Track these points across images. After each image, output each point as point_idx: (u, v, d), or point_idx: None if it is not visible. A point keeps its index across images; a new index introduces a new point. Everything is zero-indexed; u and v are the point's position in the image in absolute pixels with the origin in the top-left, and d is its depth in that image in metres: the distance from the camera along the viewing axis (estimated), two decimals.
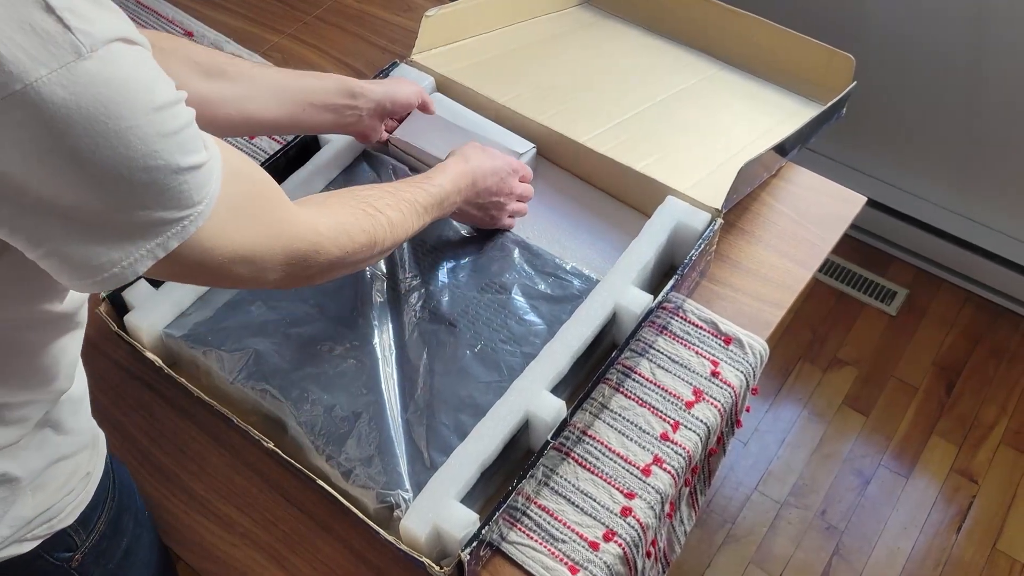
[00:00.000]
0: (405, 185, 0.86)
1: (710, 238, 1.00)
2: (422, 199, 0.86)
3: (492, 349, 0.93)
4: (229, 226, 0.60)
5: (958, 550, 1.71)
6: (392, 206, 0.81)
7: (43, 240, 0.52)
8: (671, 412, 0.95)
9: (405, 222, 0.83)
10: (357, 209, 0.77)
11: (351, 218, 0.76)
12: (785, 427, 1.89)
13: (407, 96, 1.04)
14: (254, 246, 0.64)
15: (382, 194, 0.82)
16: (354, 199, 0.79)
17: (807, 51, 1.20)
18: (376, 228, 0.78)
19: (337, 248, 0.73)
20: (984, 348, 1.99)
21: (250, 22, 1.42)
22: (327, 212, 0.74)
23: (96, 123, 0.48)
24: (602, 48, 1.30)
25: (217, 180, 0.58)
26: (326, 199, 0.78)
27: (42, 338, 0.66)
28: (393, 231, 0.80)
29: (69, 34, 0.46)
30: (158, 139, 0.51)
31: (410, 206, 0.84)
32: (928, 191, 1.98)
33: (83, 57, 0.47)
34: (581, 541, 0.86)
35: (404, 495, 0.83)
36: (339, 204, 0.77)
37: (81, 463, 0.74)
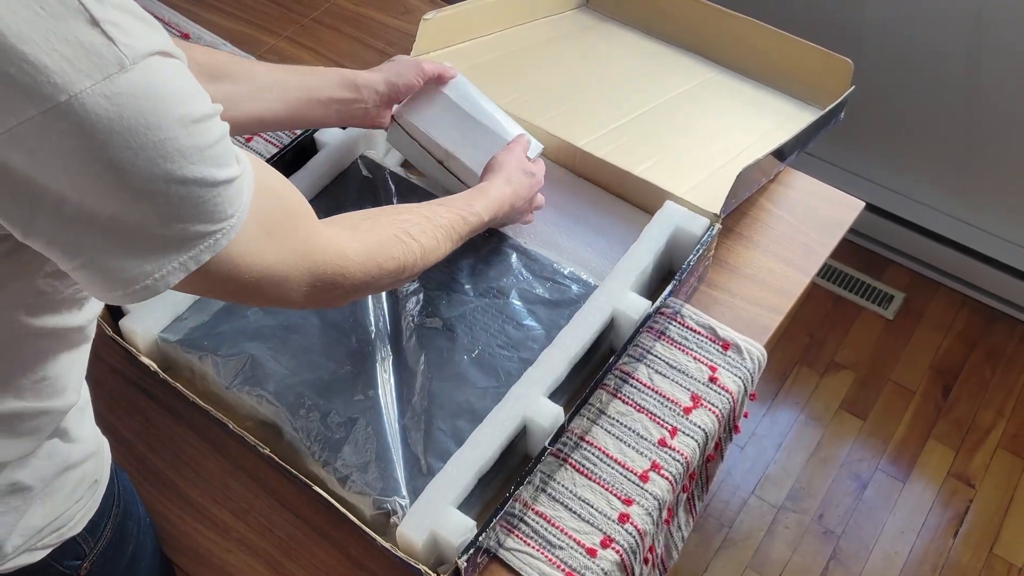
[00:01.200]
0: (444, 210, 0.85)
1: (708, 243, 0.99)
2: (459, 227, 0.86)
3: (490, 354, 0.93)
4: (259, 243, 0.60)
5: (955, 554, 1.71)
6: (427, 232, 0.80)
7: (80, 251, 0.53)
8: (669, 418, 0.95)
9: (438, 249, 0.82)
10: (390, 235, 0.76)
11: (382, 244, 0.75)
12: (782, 431, 1.88)
13: (408, 80, 1.02)
14: (282, 265, 0.63)
15: (418, 219, 0.81)
16: (389, 224, 0.78)
17: (805, 55, 1.20)
18: (407, 255, 0.77)
19: (364, 274, 0.72)
20: (981, 352, 1.99)
21: (247, 24, 1.41)
22: (358, 236, 0.73)
23: (136, 135, 0.49)
24: (600, 51, 1.30)
25: (248, 194, 0.58)
26: (360, 221, 0.76)
27: (57, 349, 0.66)
28: (424, 258, 0.80)
29: (113, 47, 0.47)
30: (195, 152, 0.52)
31: (446, 233, 0.83)
32: (925, 195, 1.98)
33: (125, 69, 0.48)
34: (579, 548, 0.86)
35: (401, 501, 0.82)
36: (372, 228, 0.75)
37: (89, 471, 0.74)
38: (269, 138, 1.24)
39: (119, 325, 0.95)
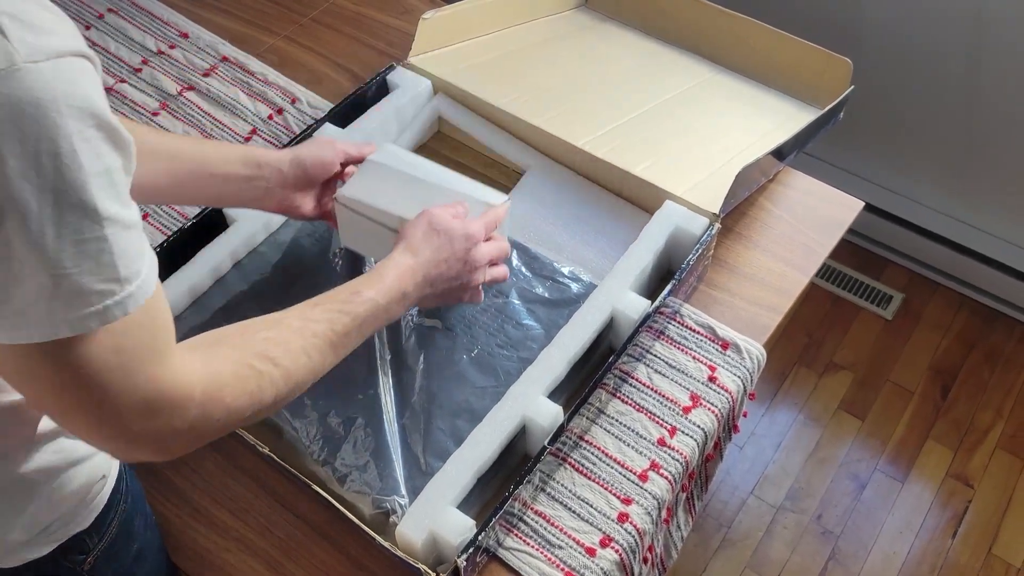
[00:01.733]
0: (320, 311, 0.73)
1: (708, 243, 0.99)
2: (342, 326, 0.73)
3: (489, 354, 0.93)
4: (115, 344, 0.53)
5: (954, 554, 1.71)
6: (294, 350, 0.68)
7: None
8: (668, 417, 0.95)
9: (310, 365, 0.70)
10: (244, 364, 0.65)
11: (233, 378, 0.63)
12: (781, 431, 1.88)
13: (320, 159, 0.91)
14: (124, 380, 0.55)
15: (285, 334, 0.69)
16: (244, 348, 0.66)
17: (805, 55, 1.20)
18: (263, 388, 0.65)
19: (207, 416, 0.61)
20: (979, 352, 1.99)
21: (246, 24, 1.41)
22: (210, 369, 0.62)
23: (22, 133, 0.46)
24: (600, 51, 1.30)
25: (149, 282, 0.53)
26: (213, 346, 0.65)
27: None
28: (291, 382, 0.68)
29: (5, 42, 0.45)
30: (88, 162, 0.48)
31: (323, 342, 0.71)
32: (924, 195, 1.98)
33: (15, 67, 0.45)
34: (578, 547, 0.86)
35: (400, 501, 0.82)
36: (225, 356, 0.64)
37: (98, 465, 0.74)
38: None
39: None
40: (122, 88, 1.30)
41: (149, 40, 1.37)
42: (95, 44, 1.37)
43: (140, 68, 1.33)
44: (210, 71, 1.32)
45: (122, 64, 1.34)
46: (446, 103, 1.19)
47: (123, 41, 1.37)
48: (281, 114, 1.26)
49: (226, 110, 1.27)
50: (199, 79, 1.31)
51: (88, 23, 1.40)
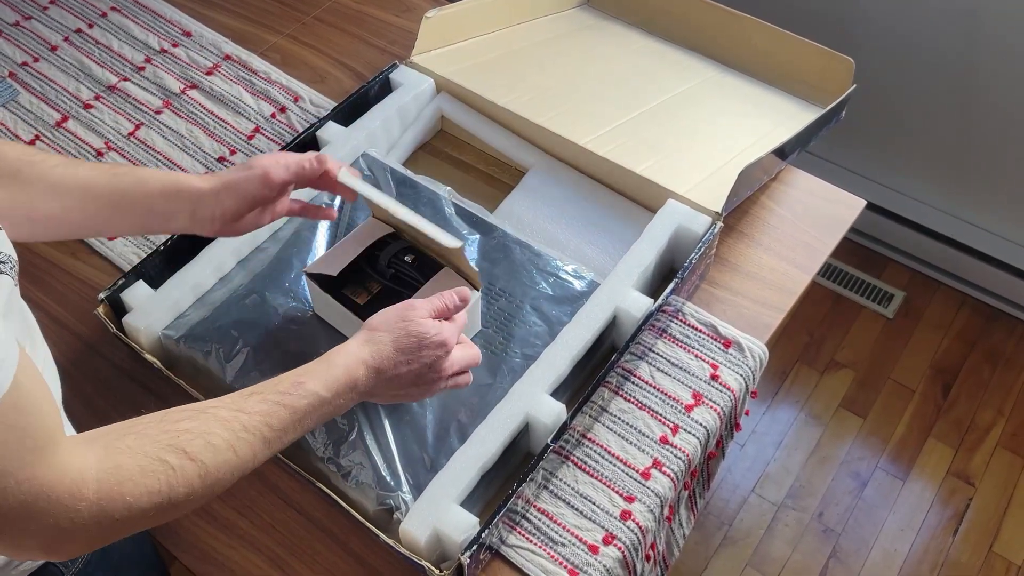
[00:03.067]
0: (256, 401, 0.66)
1: (710, 241, 1.00)
2: (279, 420, 0.66)
3: (492, 351, 0.93)
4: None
5: (955, 552, 1.71)
6: (215, 444, 0.61)
7: None
8: (671, 415, 0.95)
9: (233, 462, 0.63)
10: (153, 457, 0.57)
11: (137, 473, 0.56)
12: (782, 429, 1.89)
13: (250, 179, 0.82)
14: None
15: (209, 424, 0.62)
16: (157, 439, 0.59)
17: (807, 54, 1.20)
18: (175, 485, 0.58)
19: (101, 514, 0.55)
20: (980, 351, 1.99)
21: (249, 22, 1.41)
22: (108, 462, 0.56)
23: None
24: (602, 50, 1.30)
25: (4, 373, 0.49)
26: (120, 438, 0.58)
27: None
28: (205, 480, 0.60)
29: None
30: None
31: (253, 438, 0.64)
32: (925, 194, 1.98)
33: None
34: (581, 544, 0.86)
35: (404, 498, 0.83)
36: (131, 449, 0.57)
37: None
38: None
39: (122, 323, 0.95)
40: (125, 86, 1.30)
41: (152, 38, 1.38)
42: (98, 42, 1.37)
43: (143, 66, 1.33)
44: (213, 69, 1.33)
45: (125, 62, 1.34)
46: (449, 102, 1.19)
47: (126, 39, 1.38)
48: (284, 112, 1.27)
49: (229, 108, 1.27)
50: (202, 77, 1.31)
51: (91, 21, 1.40)
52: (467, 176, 1.17)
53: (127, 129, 1.25)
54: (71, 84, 1.31)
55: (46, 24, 1.40)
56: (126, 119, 1.26)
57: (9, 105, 1.28)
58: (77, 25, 1.40)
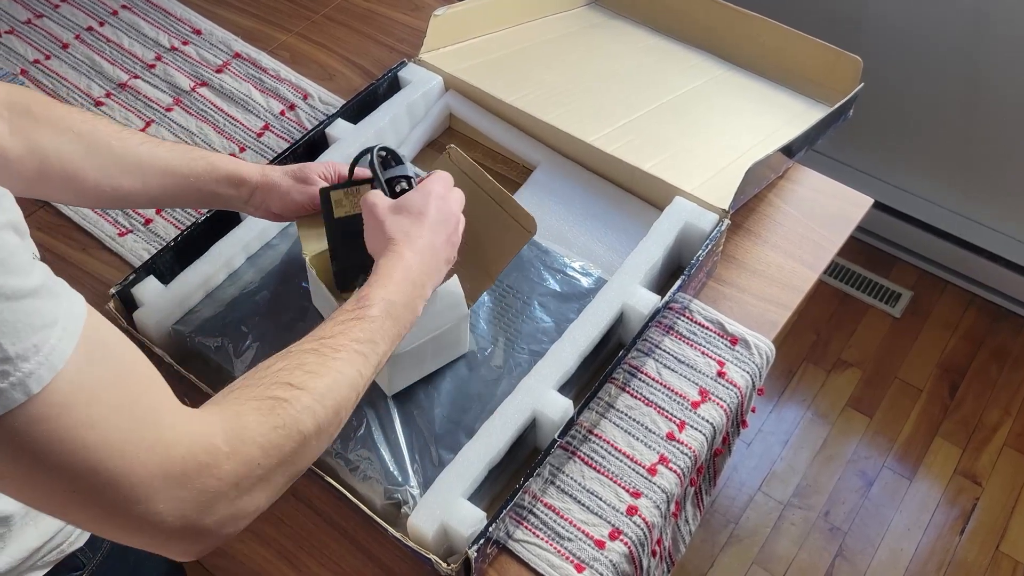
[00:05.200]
0: (333, 326, 0.67)
1: (717, 239, 1.00)
2: (362, 331, 0.67)
3: (500, 347, 0.94)
4: (81, 417, 0.46)
5: (961, 552, 1.71)
6: (316, 371, 0.62)
7: None
8: (677, 412, 0.95)
9: (342, 382, 0.63)
10: (264, 399, 0.58)
11: (256, 414, 0.56)
12: (789, 428, 1.89)
13: (303, 192, 0.89)
14: (117, 456, 0.47)
15: (300, 358, 0.62)
16: (260, 383, 0.59)
17: (815, 52, 1.20)
18: (298, 419, 0.58)
19: (243, 464, 0.54)
20: (988, 350, 1.99)
21: (258, 20, 1.42)
22: (225, 416, 0.55)
23: None
24: (609, 48, 1.31)
25: (68, 339, 0.46)
26: (225, 394, 0.59)
27: None
28: (325, 404, 0.60)
29: None
30: None
31: (347, 353, 0.65)
32: (933, 193, 1.98)
33: None
34: (587, 539, 0.87)
35: (412, 492, 0.83)
36: (240, 398, 0.58)
37: None
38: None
39: (133, 317, 0.96)
40: (135, 84, 1.31)
41: (162, 36, 1.38)
42: (109, 40, 1.38)
43: (153, 64, 1.34)
44: (223, 67, 1.33)
45: (135, 60, 1.35)
46: (457, 99, 1.19)
47: (136, 37, 1.38)
48: (293, 110, 1.27)
49: (239, 106, 1.28)
50: (212, 75, 1.32)
51: (102, 19, 1.41)
52: None
53: (138, 126, 1.25)
54: (82, 82, 1.32)
55: (57, 22, 1.41)
56: (137, 116, 1.27)
57: None
58: (88, 23, 1.41)
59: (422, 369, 0.90)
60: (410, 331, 0.82)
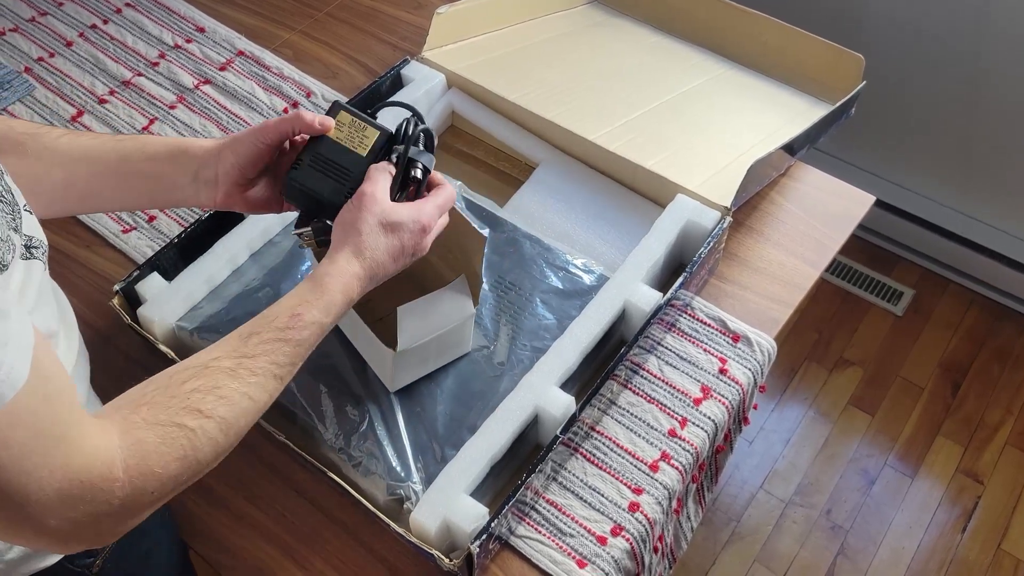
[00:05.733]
0: (257, 343, 0.65)
1: (719, 236, 1.00)
2: (285, 355, 0.65)
3: (502, 343, 0.94)
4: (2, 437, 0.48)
5: (963, 550, 1.71)
6: (228, 396, 0.61)
7: None
8: (679, 409, 0.95)
9: (250, 408, 0.63)
10: (172, 424, 0.57)
11: (159, 443, 0.56)
12: (791, 427, 1.89)
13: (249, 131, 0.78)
14: (23, 476, 0.49)
15: (215, 378, 0.61)
16: (170, 404, 0.58)
17: (817, 51, 1.20)
18: (200, 450, 0.59)
19: (137, 492, 0.55)
20: (990, 349, 1.99)
21: (261, 18, 1.43)
22: (130, 438, 0.55)
23: None
24: (611, 47, 1.31)
25: (22, 360, 0.48)
26: (134, 411, 0.58)
27: None
28: (228, 433, 0.61)
29: None
30: None
31: (264, 379, 0.64)
32: (935, 191, 1.98)
33: None
34: (589, 535, 0.87)
35: (414, 488, 0.83)
36: (148, 421, 0.57)
37: None
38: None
39: (136, 314, 0.96)
40: (139, 82, 1.31)
41: (166, 34, 1.39)
42: (113, 38, 1.38)
43: (157, 62, 1.34)
44: (226, 65, 1.34)
45: (139, 58, 1.35)
46: (459, 97, 1.20)
47: (140, 35, 1.39)
48: (296, 107, 1.28)
49: (242, 103, 1.28)
50: (215, 73, 1.32)
51: (106, 17, 1.42)
52: (478, 171, 1.18)
53: (141, 124, 1.26)
54: (86, 79, 1.32)
55: (61, 20, 1.42)
56: (140, 114, 1.27)
57: (25, 100, 1.29)
58: (92, 21, 1.41)
59: (425, 367, 0.91)
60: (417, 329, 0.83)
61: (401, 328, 0.83)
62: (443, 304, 0.85)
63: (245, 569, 0.88)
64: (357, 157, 0.78)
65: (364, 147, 0.78)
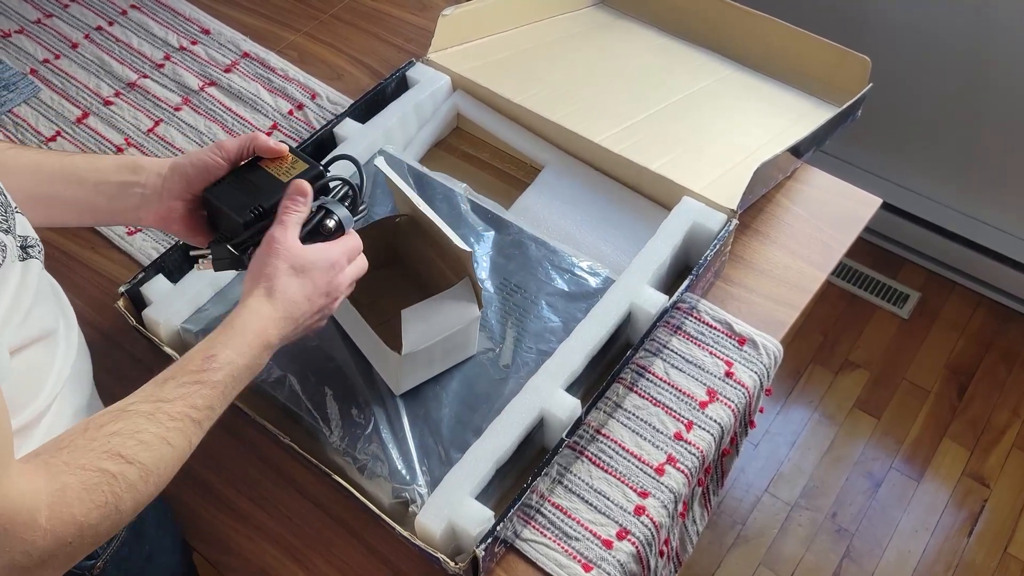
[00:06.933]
0: (174, 388, 0.64)
1: (725, 239, 1.00)
2: (202, 398, 0.65)
3: (508, 346, 0.94)
4: None
5: (969, 554, 1.71)
6: (148, 442, 0.60)
7: None
8: (685, 412, 0.95)
9: (170, 455, 0.61)
10: (93, 470, 0.56)
11: (82, 490, 0.55)
12: (796, 429, 1.88)
13: (201, 159, 0.77)
14: None
15: (135, 423, 0.60)
16: (92, 446, 0.57)
17: (823, 52, 1.20)
18: (120, 498, 0.57)
19: (56, 542, 0.54)
20: (996, 352, 1.98)
21: (266, 20, 1.43)
22: (52, 484, 0.54)
23: None
24: (617, 48, 1.31)
25: None
26: (56, 451, 0.56)
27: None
28: (148, 480, 0.59)
29: None
30: None
31: (183, 424, 0.63)
32: (941, 193, 1.97)
33: None
34: (595, 539, 0.87)
35: (419, 491, 0.83)
36: (70, 465, 0.56)
37: None
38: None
39: (142, 316, 0.96)
40: (144, 83, 1.31)
41: (171, 36, 1.39)
42: (118, 39, 1.38)
43: (162, 64, 1.35)
44: (231, 67, 1.34)
45: (144, 59, 1.35)
46: (465, 99, 1.20)
47: (145, 37, 1.39)
48: (301, 109, 1.28)
49: (247, 105, 1.28)
50: (220, 75, 1.32)
51: (111, 19, 1.42)
52: (483, 173, 1.18)
53: (147, 125, 1.26)
54: (91, 81, 1.32)
55: (67, 22, 1.42)
56: (146, 115, 1.27)
57: (31, 101, 1.29)
58: (97, 23, 1.41)
59: (431, 369, 0.91)
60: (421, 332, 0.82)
61: (406, 331, 0.83)
62: (447, 307, 0.85)
63: (249, 571, 0.88)
64: (276, 181, 0.78)
65: (287, 176, 0.78)
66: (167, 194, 0.78)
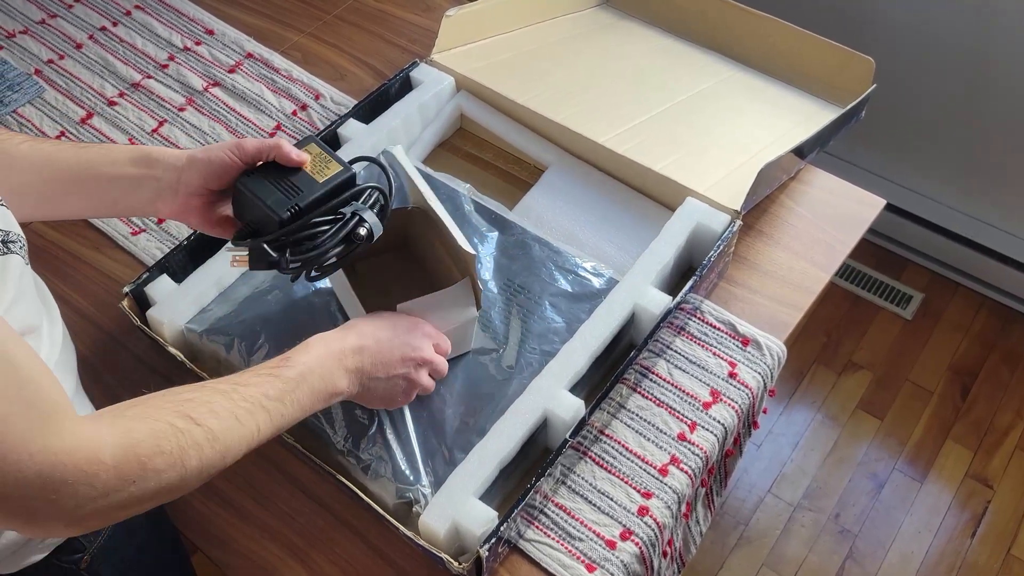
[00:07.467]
0: (251, 375, 0.69)
1: (729, 239, 1.00)
2: (275, 389, 0.68)
3: (511, 346, 0.94)
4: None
5: (972, 555, 1.70)
6: (218, 412, 0.63)
7: None
8: (688, 412, 0.95)
9: (238, 430, 0.64)
10: (163, 422, 0.59)
11: (149, 435, 0.58)
12: (799, 430, 1.88)
13: (218, 155, 0.78)
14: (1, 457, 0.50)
15: (209, 396, 0.64)
16: (162, 407, 0.61)
17: (826, 53, 1.20)
18: (185, 447, 0.59)
19: (119, 480, 0.55)
20: (999, 353, 1.98)
21: (270, 21, 1.43)
22: (118, 429, 0.57)
23: None
24: (621, 49, 1.31)
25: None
26: (126, 409, 0.60)
27: None
28: (214, 446, 0.62)
29: None
30: None
31: (253, 406, 0.66)
32: (944, 195, 1.97)
33: None
34: (598, 540, 0.87)
35: (423, 491, 0.83)
36: (139, 415, 0.59)
37: None
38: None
39: (146, 315, 0.96)
40: (148, 84, 1.32)
41: (175, 36, 1.39)
42: (122, 40, 1.39)
43: (166, 64, 1.35)
44: (235, 67, 1.34)
45: (148, 60, 1.36)
46: (468, 100, 1.20)
47: (150, 37, 1.39)
48: (305, 110, 1.28)
49: (251, 106, 1.28)
50: (224, 75, 1.33)
51: (115, 19, 1.42)
52: (486, 173, 1.18)
53: (151, 126, 1.26)
54: (96, 81, 1.32)
55: (71, 22, 1.42)
56: (150, 116, 1.27)
57: (35, 102, 1.30)
58: (102, 23, 1.42)
59: None
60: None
61: None
62: (445, 304, 0.86)
63: (252, 570, 0.88)
64: (312, 180, 0.79)
65: (322, 175, 0.79)
66: (184, 188, 0.79)
